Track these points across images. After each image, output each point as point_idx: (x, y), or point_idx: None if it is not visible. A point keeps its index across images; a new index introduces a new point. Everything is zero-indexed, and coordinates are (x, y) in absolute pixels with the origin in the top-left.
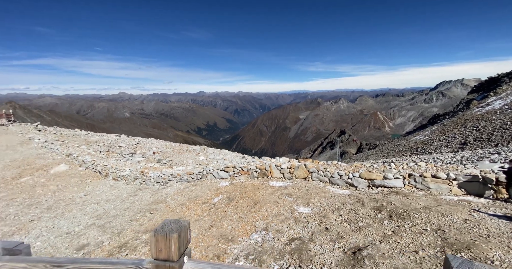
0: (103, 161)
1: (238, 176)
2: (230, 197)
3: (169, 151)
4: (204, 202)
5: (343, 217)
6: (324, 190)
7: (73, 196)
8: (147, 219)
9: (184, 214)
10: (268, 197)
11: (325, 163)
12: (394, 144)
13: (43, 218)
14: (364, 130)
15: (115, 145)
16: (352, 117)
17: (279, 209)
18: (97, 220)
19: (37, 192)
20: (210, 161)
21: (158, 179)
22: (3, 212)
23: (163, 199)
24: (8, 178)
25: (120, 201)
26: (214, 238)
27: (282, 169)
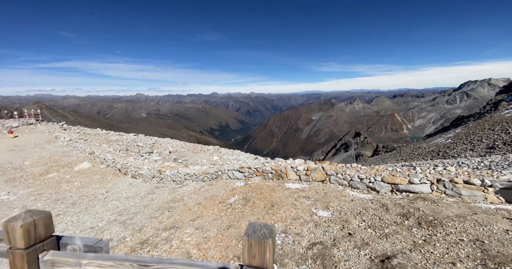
0: (122, 160)
1: (253, 177)
2: (246, 198)
3: (184, 151)
4: (220, 201)
5: (367, 222)
6: (344, 193)
7: (95, 193)
8: (166, 217)
9: (202, 213)
10: (285, 199)
11: (343, 166)
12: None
13: (68, 213)
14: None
15: (134, 144)
16: (368, 119)
17: (298, 211)
18: (118, 216)
19: (63, 188)
20: (223, 161)
21: (174, 178)
22: (32, 206)
23: (180, 198)
24: (37, 174)
25: (139, 199)
26: (233, 238)
27: (298, 171)
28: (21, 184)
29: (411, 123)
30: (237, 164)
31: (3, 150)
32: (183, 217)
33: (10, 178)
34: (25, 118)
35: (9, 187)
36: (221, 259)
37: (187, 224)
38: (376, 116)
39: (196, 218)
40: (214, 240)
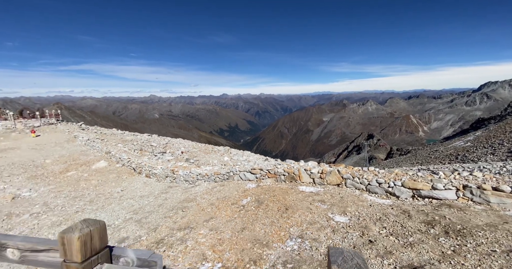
0: (137, 159)
1: (265, 179)
2: (259, 200)
3: (196, 151)
4: (233, 203)
5: (388, 230)
6: (361, 198)
7: (111, 191)
8: (180, 216)
9: (215, 214)
10: (300, 203)
11: (360, 169)
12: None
13: (86, 210)
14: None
15: (147, 144)
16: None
17: (313, 216)
18: (134, 215)
19: (81, 185)
20: (234, 162)
21: (187, 177)
22: (52, 203)
23: (193, 198)
24: (57, 172)
25: (153, 198)
26: (248, 241)
27: (312, 174)
28: (42, 181)
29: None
30: (248, 165)
31: (26, 148)
32: (196, 218)
33: (32, 175)
34: (46, 118)
35: (31, 184)
36: (236, 262)
37: (201, 225)
38: (390, 118)
39: (209, 219)
40: (228, 242)
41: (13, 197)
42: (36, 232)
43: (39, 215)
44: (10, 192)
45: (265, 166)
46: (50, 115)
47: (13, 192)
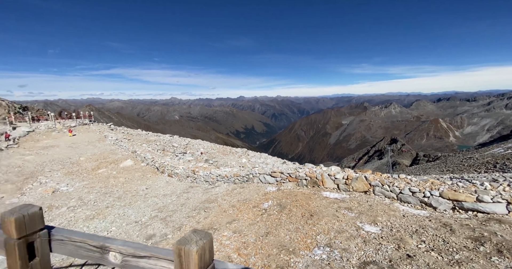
0: (160, 159)
1: (286, 183)
2: (281, 204)
3: (214, 152)
4: (254, 206)
5: (428, 244)
6: (392, 207)
7: (137, 189)
8: (202, 217)
9: (237, 216)
10: (325, 209)
11: (389, 176)
12: (463, 158)
13: (115, 206)
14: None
15: (169, 144)
16: (406, 124)
17: (341, 224)
18: (159, 213)
19: (110, 182)
20: (252, 164)
21: (207, 178)
22: (86, 197)
23: (214, 199)
24: (89, 169)
25: (176, 197)
26: (273, 246)
27: (336, 179)
28: (77, 177)
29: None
30: (267, 168)
31: (63, 146)
32: (219, 219)
33: (68, 171)
34: (81, 119)
35: (68, 180)
36: (263, 267)
37: (224, 227)
38: (416, 122)
39: (232, 221)
40: (253, 246)
41: (53, 191)
42: (72, 224)
43: (75, 209)
44: (51, 186)
45: (285, 169)
46: (84, 116)
47: (53, 186)
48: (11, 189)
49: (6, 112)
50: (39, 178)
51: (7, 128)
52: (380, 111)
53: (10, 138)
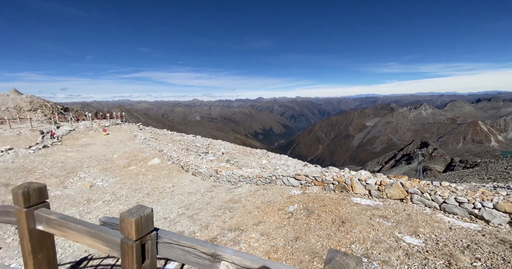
0: (185, 158)
1: (311, 186)
2: (308, 209)
3: (235, 153)
4: (279, 209)
5: (484, 262)
6: (435, 218)
7: (164, 186)
8: (228, 217)
9: (263, 218)
10: (357, 217)
11: (429, 184)
12: (507, 164)
13: (144, 202)
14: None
15: (192, 144)
16: (439, 127)
17: (377, 233)
18: (185, 211)
19: (140, 179)
20: (272, 166)
21: (229, 178)
22: (118, 193)
23: (238, 199)
24: (121, 166)
25: (200, 195)
26: (305, 253)
27: (367, 185)
28: (111, 173)
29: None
30: (290, 170)
31: (99, 144)
32: (244, 220)
33: (103, 168)
34: (114, 119)
35: (103, 175)
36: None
37: (251, 228)
38: (451, 124)
39: (258, 223)
40: (283, 250)
41: (90, 185)
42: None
43: (110, 203)
44: (88, 181)
45: (310, 172)
46: (116, 116)
47: (90, 181)
48: (55, 182)
49: (51, 112)
50: (78, 173)
51: (52, 127)
52: (409, 112)
53: (54, 136)
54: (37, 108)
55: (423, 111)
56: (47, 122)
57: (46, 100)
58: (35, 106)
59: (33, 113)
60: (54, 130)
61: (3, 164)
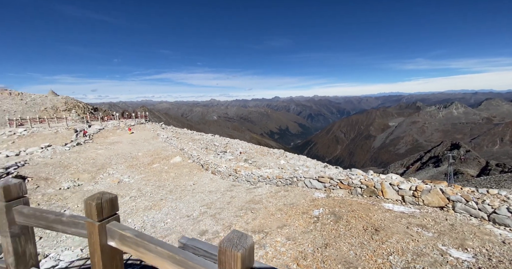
0: (204, 157)
1: (336, 189)
2: (334, 213)
3: (253, 153)
4: (303, 212)
5: None
6: (484, 230)
7: (185, 184)
8: (250, 218)
9: (287, 221)
10: (392, 225)
11: (475, 191)
12: None
13: (168, 199)
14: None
15: (211, 143)
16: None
17: (418, 245)
18: (208, 209)
19: (163, 176)
20: (291, 166)
21: (248, 178)
22: (144, 189)
23: (259, 200)
24: (146, 163)
25: (220, 194)
26: (337, 262)
27: (400, 190)
28: (136, 170)
29: None
30: (312, 172)
31: (125, 143)
32: (267, 221)
33: (130, 165)
34: (138, 119)
35: (129, 172)
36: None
37: (275, 231)
38: (486, 124)
39: (282, 226)
40: (312, 258)
41: (118, 181)
42: (134, 212)
43: (136, 199)
44: (116, 177)
45: (335, 175)
46: (141, 116)
47: (118, 177)
48: (87, 177)
49: (83, 112)
50: (107, 170)
51: (85, 126)
52: (438, 111)
53: (87, 134)
54: (71, 108)
55: (454, 110)
56: (80, 121)
57: (79, 100)
58: (69, 106)
59: (68, 112)
60: (86, 129)
61: (43, 160)
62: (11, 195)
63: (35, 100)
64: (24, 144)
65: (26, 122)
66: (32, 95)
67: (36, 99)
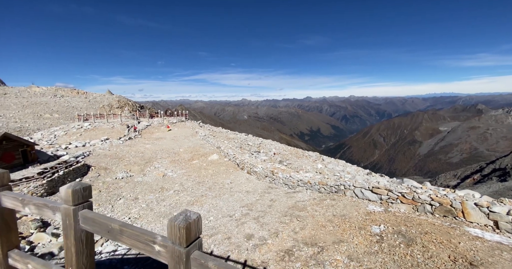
0: (240, 156)
1: (395, 203)
2: (402, 234)
3: (287, 154)
4: (359, 227)
5: None
6: None
7: (223, 182)
8: (297, 226)
9: (342, 236)
10: (492, 259)
11: None
12: None
13: (208, 196)
14: None
15: (245, 143)
16: None
17: None
18: (249, 211)
19: (202, 173)
20: (330, 171)
21: (286, 181)
22: (185, 184)
23: (303, 207)
24: (186, 159)
25: (258, 195)
26: None
27: (493, 213)
28: (178, 165)
29: None
30: (361, 180)
31: (168, 139)
32: (319, 234)
33: (172, 160)
34: (179, 117)
35: (172, 167)
36: None
37: (332, 247)
38: None
39: (339, 242)
40: None
41: (163, 175)
42: (178, 206)
43: (179, 193)
44: (161, 171)
45: (397, 188)
46: (182, 114)
47: (163, 171)
48: (137, 169)
49: (132, 110)
50: (153, 163)
51: (135, 122)
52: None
53: (136, 130)
54: (123, 106)
55: None
56: (131, 118)
57: (129, 99)
58: (121, 104)
59: (120, 110)
60: (136, 125)
61: (102, 151)
62: (78, 199)
63: (96, 98)
64: (89, 137)
65: (90, 117)
66: (93, 94)
67: (96, 98)
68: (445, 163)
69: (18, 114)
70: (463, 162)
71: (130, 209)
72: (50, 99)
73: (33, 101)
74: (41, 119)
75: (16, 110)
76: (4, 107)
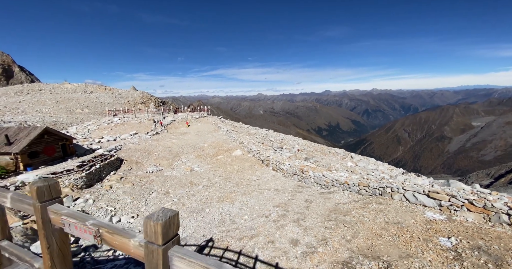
0: (264, 152)
1: (460, 211)
2: (484, 250)
3: (311, 151)
4: (424, 239)
5: None
6: None
7: (250, 178)
8: (348, 234)
9: (408, 250)
10: None
11: None
12: None
13: (236, 192)
14: None
15: (267, 138)
16: None
17: None
18: (285, 212)
19: (228, 168)
20: (362, 170)
21: (318, 180)
22: (213, 179)
23: (346, 211)
24: (211, 154)
25: (289, 194)
26: None
27: None
28: (204, 160)
29: None
30: (411, 182)
31: (193, 134)
32: (377, 244)
33: (198, 155)
34: (202, 112)
35: (198, 162)
36: None
37: (401, 263)
38: None
39: (407, 257)
40: None
41: (190, 169)
42: (209, 203)
43: (207, 188)
44: (188, 165)
45: (461, 194)
46: (204, 110)
47: (190, 166)
48: (166, 164)
49: (155, 105)
50: (181, 158)
51: (161, 117)
52: None
53: (162, 125)
54: (146, 102)
55: None
56: (157, 113)
57: (151, 95)
58: (145, 99)
59: (144, 105)
60: (162, 120)
61: (133, 145)
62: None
63: (121, 94)
64: (119, 131)
65: (119, 112)
66: (119, 90)
67: (122, 94)
68: (477, 161)
69: (53, 109)
70: (497, 160)
71: (162, 203)
72: (81, 95)
73: (65, 97)
74: (73, 114)
75: (51, 105)
76: (40, 102)
